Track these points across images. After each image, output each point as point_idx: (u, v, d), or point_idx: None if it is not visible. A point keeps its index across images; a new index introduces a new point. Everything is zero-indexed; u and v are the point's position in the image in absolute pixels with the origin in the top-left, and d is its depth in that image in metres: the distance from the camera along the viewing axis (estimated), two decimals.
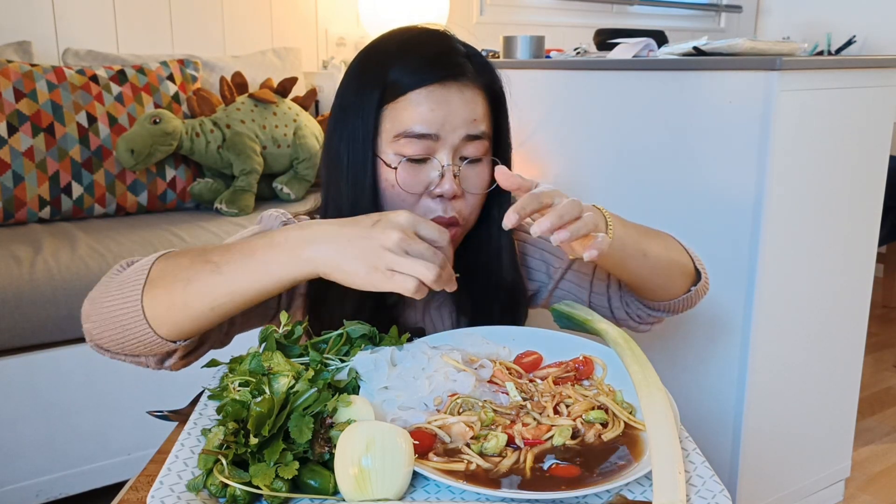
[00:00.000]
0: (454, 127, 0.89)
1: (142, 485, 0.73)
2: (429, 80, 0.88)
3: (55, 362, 1.65)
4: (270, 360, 0.75)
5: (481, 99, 0.92)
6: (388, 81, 0.89)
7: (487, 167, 0.93)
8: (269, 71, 2.46)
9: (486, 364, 0.82)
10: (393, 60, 0.91)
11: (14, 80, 1.94)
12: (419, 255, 0.71)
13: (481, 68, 0.93)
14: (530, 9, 3.38)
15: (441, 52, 0.91)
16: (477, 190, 0.93)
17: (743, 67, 1.52)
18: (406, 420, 0.72)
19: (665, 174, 1.71)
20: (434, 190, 0.90)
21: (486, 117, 0.93)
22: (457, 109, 0.89)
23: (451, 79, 0.89)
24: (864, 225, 1.76)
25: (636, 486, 0.67)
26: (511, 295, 1.01)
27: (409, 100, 0.88)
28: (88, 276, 1.66)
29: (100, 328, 0.79)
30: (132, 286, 0.76)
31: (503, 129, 0.97)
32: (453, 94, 0.89)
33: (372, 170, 0.91)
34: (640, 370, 0.77)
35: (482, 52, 0.97)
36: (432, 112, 0.88)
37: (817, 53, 3.36)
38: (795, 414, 1.75)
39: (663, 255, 0.95)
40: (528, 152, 2.16)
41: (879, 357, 2.87)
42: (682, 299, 1.01)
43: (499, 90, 0.95)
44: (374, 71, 0.92)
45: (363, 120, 0.91)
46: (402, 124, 0.89)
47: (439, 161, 0.89)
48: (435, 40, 0.93)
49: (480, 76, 0.92)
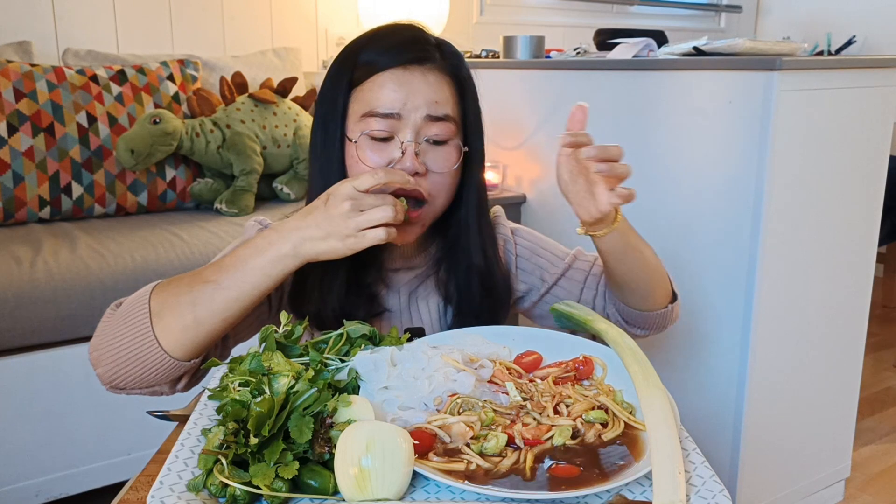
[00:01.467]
0: (416, 106, 0.92)
1: (142, 485, 0.73)
2: (394, 64, 0.93)
3: (55, 362, 1.65)
4: (270, 360, 0.75)
5: (446, 84, 0.95)
6: (357, 66, 0.95)
7: (454, 150, 0.96)
8: (269, 71, 2.46)
9: (486, 364, 0.82)
10: (363, 48, 0.96)
11: (14, 80, 1.94)
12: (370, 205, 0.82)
13: (449, 56, 0.97)
14: (530, 9, 3.38)
15: (409, 40, 0.95)
16: (441, 169, 0.95)
17: (743, 67, 1.52)
18: (406, 420, 0.72)
19: (665, 174, 1.71)
20: (395, 166, 0.93)
21: (452, 101, 0.96)
22: (419, 90, 0.92)
23: (416, 63, 0.93)
24: (864, 225, 1.76)
25: (636, 486, 0.67)
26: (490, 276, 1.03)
27: (374, 82, 0.93)
28: (88, 276, 1.66)
29: (115, 369, 0.84)
30: (139, 322, 0.82)
31: (470, 115, 0.99)
32: (416, 76, 0.93)
33: (340, 150, 0.96)
34: (640, 370, 0.77)
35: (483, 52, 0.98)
36: (395, 92, 0.92)
37: (817, 53, 3.35)
38: (795, 414, 1.75)
39: (653, 260, 1.00)
40: (528, 152, 2.16)
41: (879, 357, 2.87)
42: (659, 313, 1.03)
43: (465, 76, 0.98)
44: (346, 59, 0.97)
45: (334, 103, 0.96)
46: (367, 105, 0.93)
47: (401, 139, 0.92)
48: (405, 29, 0.97)
49: (447, 63, 0.96)
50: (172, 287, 0.84)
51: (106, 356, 0.83)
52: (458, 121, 0.97)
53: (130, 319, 0.82)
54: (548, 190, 2.13)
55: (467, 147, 0.98)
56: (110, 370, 0.84)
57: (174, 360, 0.83)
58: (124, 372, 0.83)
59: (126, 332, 0.82)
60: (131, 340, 0.82)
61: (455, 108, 0.96)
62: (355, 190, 0.82)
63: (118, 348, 0.82)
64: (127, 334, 0.82)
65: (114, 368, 0.83)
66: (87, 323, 1.66)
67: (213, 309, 0.82)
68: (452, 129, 0.95)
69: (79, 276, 1.65)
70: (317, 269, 0.95)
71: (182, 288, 0.83)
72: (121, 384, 0.85)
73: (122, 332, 0.82)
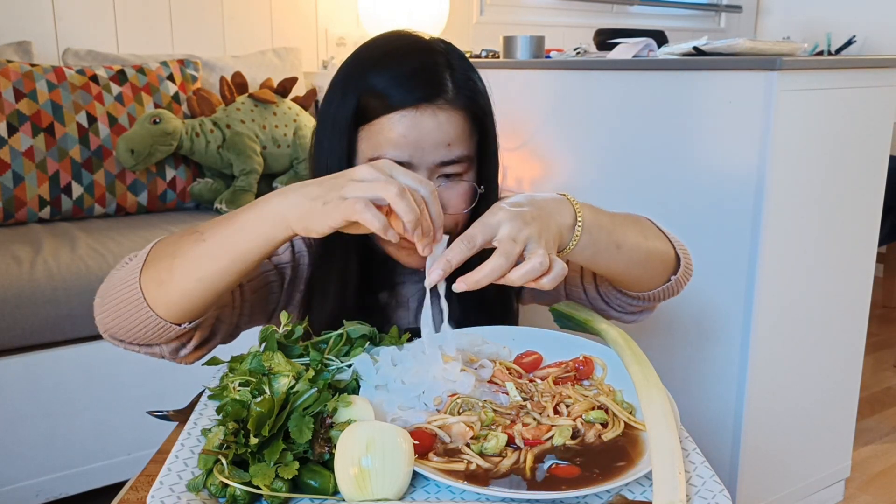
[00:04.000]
0: (427, 152, 0.87)
1: (142, 485, 0.73)
2: (405, 103, 0.86)
3: (55, 362, 1.65)
4: (271, 360, 0.75)
5: (459, 120, 0.89)
6: (364, 100, 0.88)
7: (469, 188, 0.92)
8: (269, 71, 2.46)
9: (486, 364, 0.82)
10: (371, 71, 0.89)
11: (14, 80, 1.94)
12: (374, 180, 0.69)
13: (463, 84, 0.90)
14: (530, 9, 3.37)
15: (420, 69, 0.89)
16: (456, 210, 0.91)
17: (743, 67, 1.52)
18: (406, 420, 0.72)
19: (665, 174, 1.71)
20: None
21: (465, 138, 0.90)
22: (430, 135, 0.87)
23: (427, 101, 0.87)
24: (864, 225, 1.76)
25: (636, 486, 0.67)
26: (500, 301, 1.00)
27: (381, 124, 0.87)
28: (88, 276, 1.66)
29: (109, 316, 0.80)
30: (132, 270, 0.78)
31: (487, 147, 0.94)
32: (426, 118, 0.87)
33: None
34: (640, 370, 0.77)
35: (483, 52, 0.96)
36: (404, 138, 0.86)
37: (817, 53, 3.35)
38: (795, 414, 1.75)
39: (640, 244, 0.89)
40: (528, 152, 2.16)
41: (879, 357, 2.87)
42: (662, 289, 0.96)
43: (481, 107, 0.92)
44: (352, 86, 0.91)
45: (340, 140, 0.90)
46: (376, 149, 0.88)
47: None
48: (415, 52, 0.91)
49: (461, 94, 0.90)
50: (173, 236, 0.79)
51: (104, 301, 0.80)
52: (473, 156, 0.92)
53: (129, 267, 0.79)
54: (548, 190, 2.13)
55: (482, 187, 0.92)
56: (106, 316, 0.80)
57: (158, 318, 0.77)
58: (116, 323, 0.80)
59: (121, 280, 0.78)
60: (122, 288, 0.78)
61: (469, 142, 0.91)
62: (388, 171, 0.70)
63: (111, 294, 0.79)
64: (120, 282, 0.78)
65: (109, 315, 0.80)
66: (88, 323, 1.66)
67: (188, 265, 0.75)
68: (466, 165, 0.91)
69: (79, 276, 1.65)
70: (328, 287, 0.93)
71: (175, 237, 0.78)
72: (116, 334, 0.82)
73: (119, 278, 0.79)
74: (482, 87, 0.94)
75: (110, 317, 0.80)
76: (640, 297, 0.97)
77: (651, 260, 0.92)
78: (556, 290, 1.04)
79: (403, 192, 0.68)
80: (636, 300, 0.98)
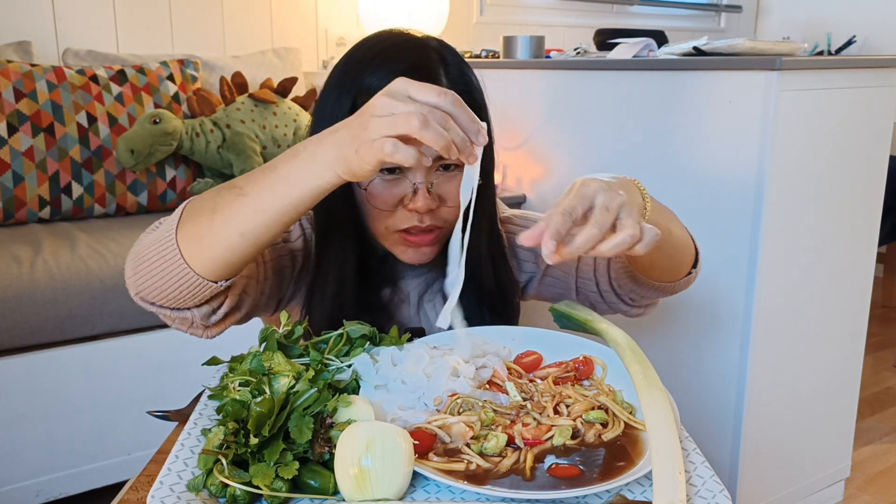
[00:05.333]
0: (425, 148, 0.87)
1: (142, 485, 0.73)
2: None
3: (55, 362, 1.65)
4: (271, 360, 0.75)
5: None
6: (359, 99, 0.88)
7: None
8: (269, 71, 2.46)
9: (486, 364, 0.82)
10: (367, 70, 0.89)
11: (14, 80, 1.94)
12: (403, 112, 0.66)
13: (458, 79, 0.91)
14: (530, 9, 3.38)
15: (413, 67, 0.88)
16: (453, 203, 0.91)
17: (743, 67, 1.52)
18: (406, 420, 0.72)
19: (665, 174, 1.71)
20: (408, 205, 0.90)
21: None
22: None
23: None
24: (864, 225, 1.76)
25: (636, 486, 0.67)
26: (501, 292, 1.01)
27: None
28: (88, 276, 1.66)
29: (142, 277, 0.79)
30: (167, 229, 0.76)
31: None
32: None
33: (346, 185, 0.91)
34: (640, 370, 0.77)
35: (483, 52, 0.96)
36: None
37: (817, 53, 3.36)
38: (795, 414, 1.75)
39: (680, 234, 0.92)
40: (528, 152, 2.16)
41: (879, 357, 2.87)
42: (684, 280, 0.98)
43: (477, 102, 0.93)
44: (347, 86, 0.91)
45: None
46: None
47: (411, 179, 0.89)
48: (409, 50, 0.91)
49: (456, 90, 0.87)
50: (209, 192, 0.77)
51: (136, 262, 0.79)
52: None
53: (164, 225, 0.78)
54: (548, 190, 2.13)
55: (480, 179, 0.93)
56: (138, 277, 0.79)
57: (195, 275, 0.76)
58: (151, 283, 0.78)
59: (157, 239, 0.77)
60: (157, 246, 0.76)
61: None
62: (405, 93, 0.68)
63: (145, 254, 0.78)
64: (155, 240, 0.77)
65: (141, 275, 0.79)
66: (87, 323, 1.66)
67: (230, 219, 0.73)
68: None
69: (79, 276, 1.65)
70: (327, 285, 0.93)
71: (212, 193, 0.76)
72: (148, 296, 0.81)
73: (154, 237, 0.78)
74: (476, 82, 0.95)
75: (143, 277, 0.79)
76: (661, 288, 0.98)
77: (686, 250, 0.94)
78: (566, 285, 1.05)
79: (426, 121, 0.66)
80: (654, 291, 0.99)
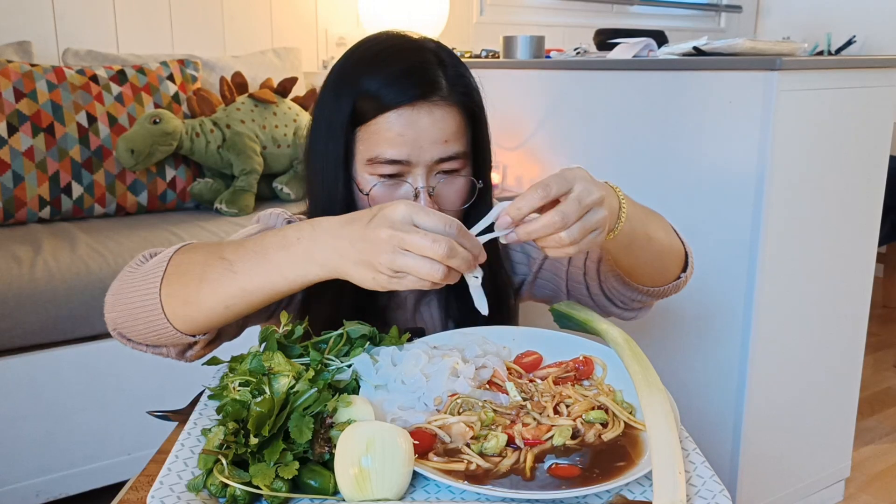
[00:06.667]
0: (425, 150, 0.88)
1: (142, 485, 0.73)
2: (400, 101, 0.87)
3: (55, 362, 1.65)
4: (271, 360, 0.75)
5: (454, 116, 0.90)
6: (359, 102, 0.89)
7: (466, 183, 0.93)
8: (269, 71, 2.46)
9: (486, 364, 0.82)
10: (365, 72, 0.89)
11: (14, 80, 1.94)
12: (419, 249, 0.66)
13: (456, 80, 0.91)
14: (530, 9, 3.37)
15: (411, 68, 0.89)
16: (453, 207, 0.92)
17: (743, 67, 1.52)
18: (406, 420, 0.72)
19: (665, 174, 1.71)
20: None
21: (461, 134, 0.91)
22: (427, 132, 0.87)
23: (421, 99, 0.87)
24: (864, 225, 1.76)
25: (636, 486, 0.67)
26: (498, 297, 1.00)
27: (378, 124, 0.88)
28: (88, 276, 1.66)
29: (123, 318, 0.81)
30: (152, 279, 0.78)
31: (481, 143, 0.95)
32: (423, 115, 0.87)
33: (346, 188, 0.92)
34: (640, 370, 0.77)
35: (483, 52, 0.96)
36: (402, 137, 0.87)
37: (817, 53, 3.36)
38: (796, 414, 1.75)
39: (664, 239, 0.92)
40: (528, 152, 2.16)
41: (879, 357, 2.87)
42: (672, 285, 0.99)
43: (475, 103, 0.93)
44: (345, 89, 0.91)
45: (335, 142, 0.91)
46: (373, 149, 0.88)
47: (412, 184, 0.89)
48: (407, 52, 0.91)
49: (454, 91, 0.90)
50: (195, 253, 0.79)
51: (118, 303, 0.80)
52: (469, 151, 0.93)
53: (147, 273, 0.79)
54: None
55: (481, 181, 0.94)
56: (119, 317, 0.81)
57: (175, 330, 0.78)
58: (130, 324, 0.80)
59: (139, 286, 0.78)
60: (140, 295, 0.78)
61: (464, 138, 0.91)
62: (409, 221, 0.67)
63: (128, 299, 0.79)
64: (139, 288, 0.78)
65: (122, 317, 0.80)
66: (87, 323, 1.66)
67: (218, 292, 0.75)
68: (463, 161, 0.92)
69: (79, 276, 1.65)
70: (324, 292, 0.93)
71: (199, 256, 0.78)
72: (127, 334, 0.82)
73: (137, 283, 0.79)
74: (474, 82, 0.95)
75: (122, 317, 0.81)
76: (649, 293, 0.98)
77: (671, 255, 0.94)
78: (557, 287, 1.05)
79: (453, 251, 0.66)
80: (642, 295, 0.99)
